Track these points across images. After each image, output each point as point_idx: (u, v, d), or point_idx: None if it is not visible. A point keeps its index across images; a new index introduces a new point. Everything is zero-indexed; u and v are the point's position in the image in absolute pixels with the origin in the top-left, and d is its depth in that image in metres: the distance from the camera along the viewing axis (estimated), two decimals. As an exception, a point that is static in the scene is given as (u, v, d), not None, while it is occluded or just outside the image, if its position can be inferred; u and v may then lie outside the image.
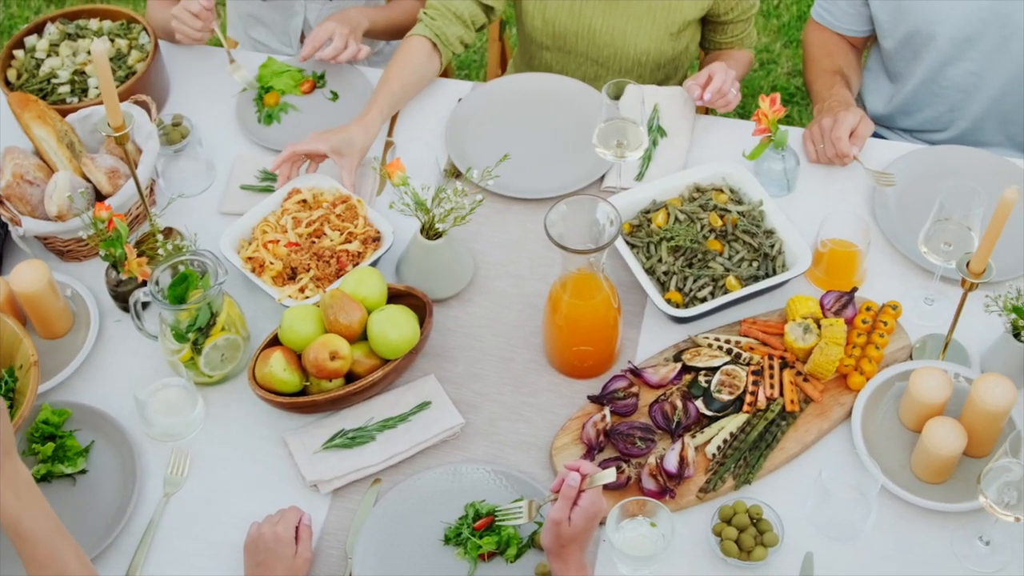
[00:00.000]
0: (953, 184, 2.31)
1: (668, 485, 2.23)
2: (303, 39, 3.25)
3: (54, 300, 2.49)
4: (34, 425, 2.34)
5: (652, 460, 2.24)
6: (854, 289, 2.46)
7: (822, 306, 2.44)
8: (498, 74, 3.48)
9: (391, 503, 2.27)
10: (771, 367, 2.38)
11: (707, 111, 3.06)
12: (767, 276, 2.50)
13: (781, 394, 2.35)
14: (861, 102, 3.15)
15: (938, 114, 3.00)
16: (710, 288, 2.47)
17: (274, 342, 2.40)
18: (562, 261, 2.26)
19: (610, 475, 1.96)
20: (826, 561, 2.18)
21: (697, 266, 2.50)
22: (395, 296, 2.46)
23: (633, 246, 2.55)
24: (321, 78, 3.00)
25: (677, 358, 2.43)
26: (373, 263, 2.54)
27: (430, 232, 2.47)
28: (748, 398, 2.34)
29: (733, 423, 2.32)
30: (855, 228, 2.48)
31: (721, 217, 2.55)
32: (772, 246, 2.53)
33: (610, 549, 2.08)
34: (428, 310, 2.43)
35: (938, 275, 2.45)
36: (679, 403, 2.32)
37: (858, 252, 2.48)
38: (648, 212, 2.60)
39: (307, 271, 2.53)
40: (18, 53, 2.93)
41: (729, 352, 2.41)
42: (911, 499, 2.22)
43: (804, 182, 2.73)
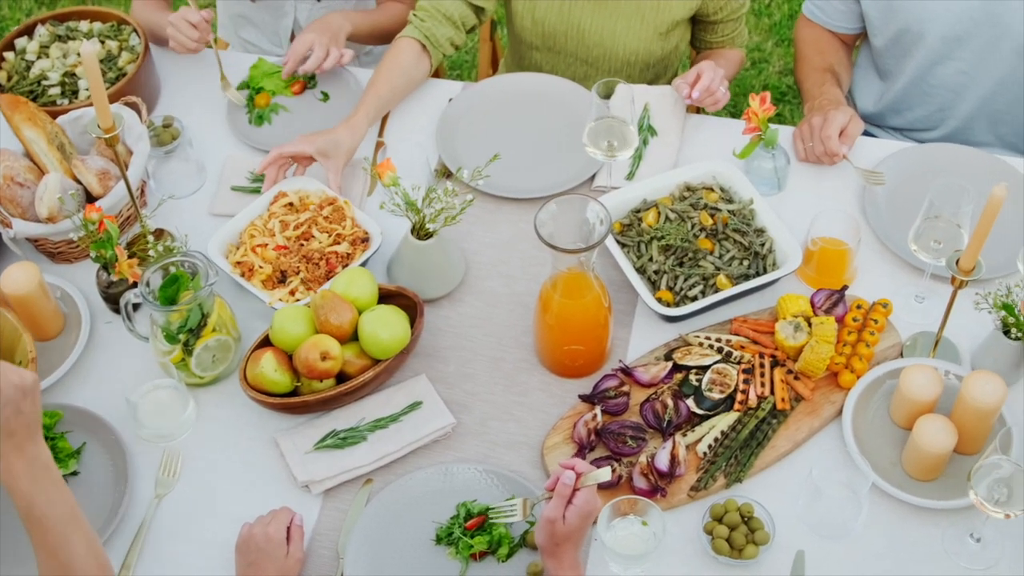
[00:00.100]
0: (943, 182, 2.32)
1: (659, 484, 2.23)
2: (293, 39, 3.25)
3: (45, 302, 2.49)
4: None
5: (643, 459, 2.24)
6: (844, 287, 2.46)
7: (813, 304, 2.44)
8: (489, 74, 3.48)
9: (383, 503, 2.27)
10: (762, 365, 2.38)
11: (698, 110, 3.07)
12: (758, 275, 2.51)
13: (772, 392, 2.36)
14: (851, 100, 3.15)
15: (928, 113, 3.00)
16: (701, 287, 2.47)
17: (265, 343, 2.40)
18: (552, 261, 2.26)
19: (605, 474, 1.96)
20: (817, 559, 2.18)
21: (688, 265, 2.50)
22: (386, 296, 2.46)
23: (624, 245, 2.55)
24: (312, 79, 2.99)
25: (668, 357, 2.43)
26: (362, 264, 2.54)
27: (421, 232, 2.47)
28: (739, 396, 2.34)
29: (724, 421, 2.32)
30: (845, 226, 2.48)
31: (712, 216, 2.56)
32: (762, 245, 2.53)
33: (601, 548, 2.09)
34: (419, 310, 2.43)
35: (928, 273, 2.45)
36: (670, 402, 2.32)
37: (848, 250, 2.48)
38: (639, 211, 2.60)
39: (296, 274, 2.52)
40: (8, 55, 2.92)
41: (720, 351, 2.42)
42: (902, 497, 2.22)
43: (794, 181, 2.74)
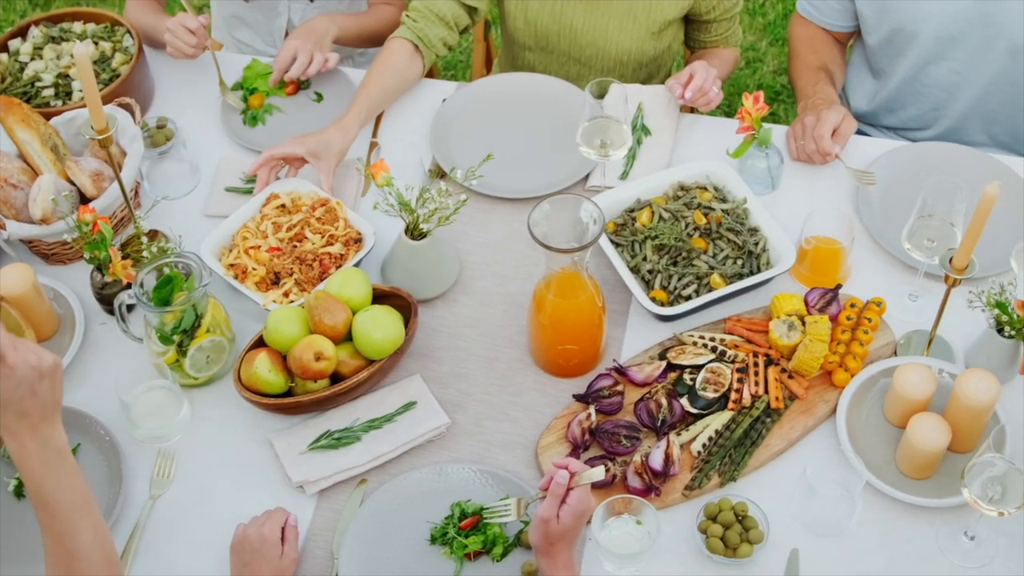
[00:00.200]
0: (936, 180, 2.32)
1: (653, 483, 2.23)
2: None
3: (39, 303, 2.49)
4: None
5: (637, 458, 2.24)
6: (838, 286, 2.46)
7: (806, 303, 2.44)
8: (484, 75, 3.48)
9: (377, 503, 2.27)
10: (756, 364, 2.39)
11: (691, 109, 3.07)
12: (751, 274, 2.51)
13: (766, 391, 2.36)
14: (845, 99, 3.15)
15: (921, 112, 3.01)
16: (695, 286, 2.48)
17: (259, 343, 2.40)
18: (546, 260, 2.27)
19: (598, 473, 1.96)
20: (811, 557, 2.18)
21: (682, 264, 2.50)
22: (380, 296, 2.46)
23: (618, 245, 2.55)
24: (305, 80, 2.99)
25: (662, 356, 2.43)
26: (356, 264, 2.54)
27: (415, 232, 2.47)
28: (733, 395, 2.34)
29: (718, 421, 2.33)
30: (839, 225, 2.48)
31: (705, 215, 2.56)
32: (756, 244, 2.53)
33: (596, 547, 2.09)
34: (413, 310, 2.43)
35: (922, 271, 2.45)
36: (664, 401, 2.32)
37: (842, 249, 2.49)
38: (632, 211, 2.60)
39: (290, 275, 2.52)
40: (2, 56, 2.92)
41: (714, 350, 2.42)
42: (896, 495, 2.22)
43: (788, 180, 2.74)
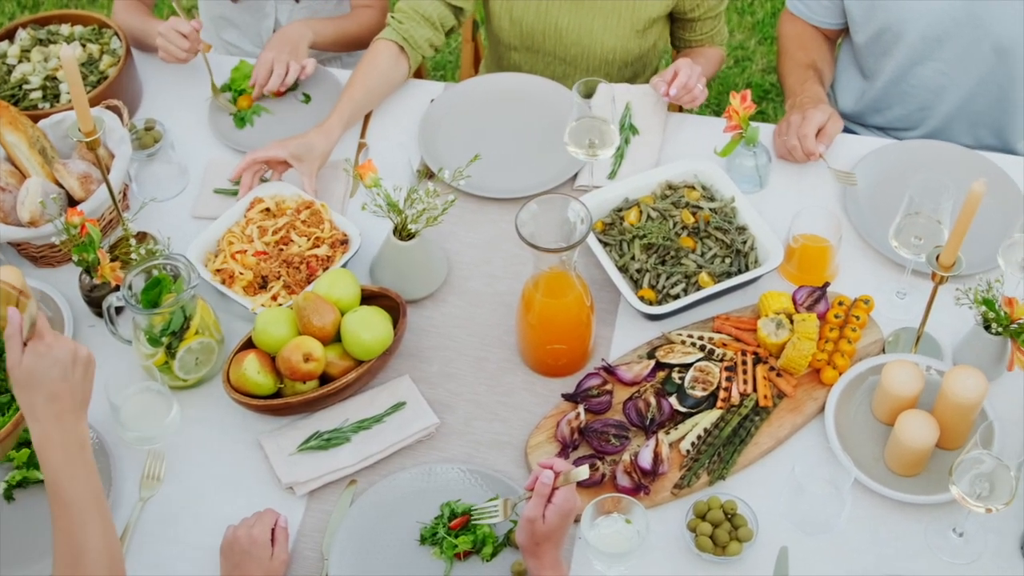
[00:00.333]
0: (923, 178, 2.33)
1: (642, 482, 2.23)
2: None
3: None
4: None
5: (626, 457, 2.24)
6: (826, 284, 2.46)
7: (794, 301, 2.45)
8: (472, 75, 3.49)
9: (367, 504, 2.27)
10: (744, 363, 2.39)
11: (679, 108, 3.07)
12: (739, 272, 2.51)
13: (754, 389, 2.36)
14: (832, 98, 3.16)
15: (907, 112, 3.01)
16: (683, 285, 2.48)
17: (248, 345, 2.39)
18: (534, 260, 2.27)
19: (583, 472, 1.97)
20: (801, 555, 2.18)
21: (670, 263, 2.50)
22: (369, 297, 2.46)
23: (606, 244, 2.55)
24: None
25: (651, 355, 2.43)
26: (342, 266, 2.53)
27: (403, 233, 2.47)
28: (722, 394, 2.34)
29: (707, 419, 2.33)
30: (827, 223, 2.49)
31: (693, 214, 2.56)
32: (744, 242, 2.54)
33: (585, 546, 2.09)
34: (402, 311, 2.43)
35: (909, 269, 2.46)
36: (653, 400, 2.33)
37: (830, 247, 2.49)
38: (621, 210, 2.60)
39: (278, 278, 2.52)
40: (-11, 59, 2.93)
41: (702, 348, 2.42)
42: (885, 492, 2.23)
43: (776, 178, 2.74)
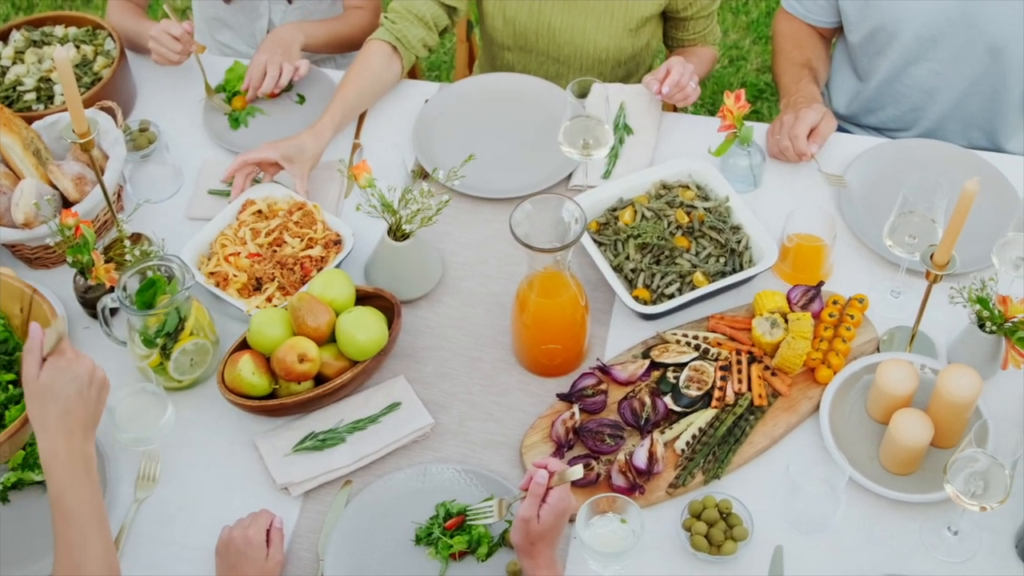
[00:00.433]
0: (917, 177, 2.33)
1: (637, 481, 2.24)
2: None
3: (22, 308, 2.48)
4: (3, 433, 2.33)
5: (621, 457, 2.24)
6: (820, 283, 2.47)
7: (789, 300, 2.45)
8: (467, 75, 3.49)
9: (362, 504, 2.27)
10: (739, 362, 2.39)
11: (674, 108, 3.07)
12: (734, 272, 2.51)
13: (749, 389, 2.36)
14: (827, 97, 3.15)
15: (901, 113, 3.01)
16: (677, 284, 2.48)
17: (243, 346, 2.39)
18: (529, 260, 2.27)
19: (577, 472, 1.97)
20: (796, 554, 2.18)
21: (664, 263, 2.50)
22: (363, 298, 2.46)
23: (600, 244, 2.56)
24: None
25: (645, 355, 2.44)
26: (336, 266, 2.53)
27: (397, 233, 2.47)
28: (716, 393, 2.35)
29: (702, 418, 2.33)
30: (821, 222, 2.49)
31: (688, 214, 2.56)
32: (739, 242, 2.54)
33: (580, 546, 2.09)
34: (396, 311, 2.43)
35: (903, 268, 2.46)
36: (648, 399, 2.33)
37: (824, 246, 2.49)
38: (615, 210, 2.61)
39: (272, 280, 2.52)
40: (-17, 61, 2.92)
41: (697, 348, 2.42)
42: (879, 491, 2.23)
43: (770, 177, 2.74)
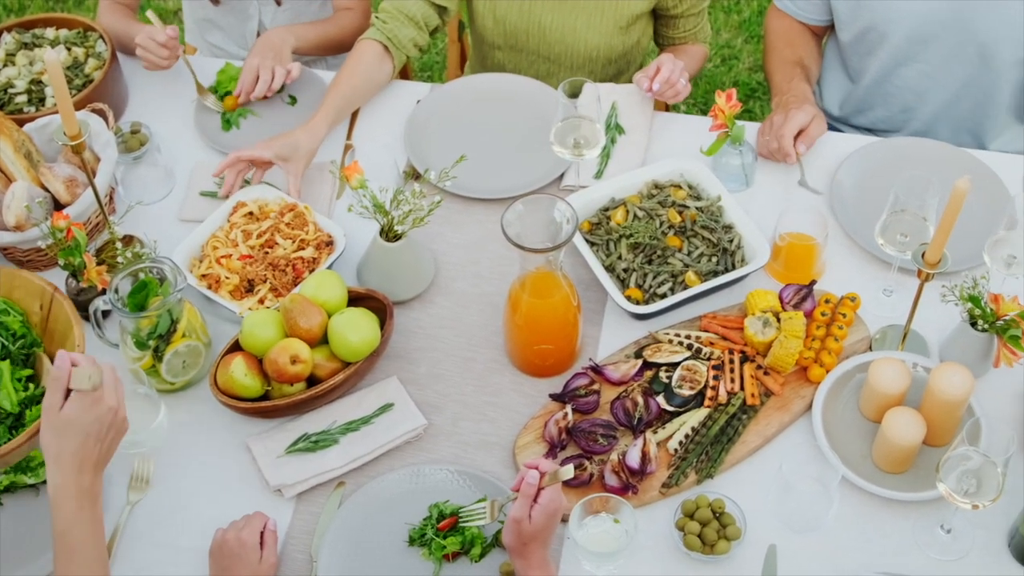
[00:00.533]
0: (908, 176, 2.33)
1: (631, 481, 2.24)
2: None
3: (14, 310, 2.48)
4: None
5: (614, 457, 2.24)
6: (813, 282, 2.47)
7: (781, 300, 2.45)
8: (459, 75, 3.49)
9: (355, 506, 2.27)
10: (731, 361, 2.39)
11: (666, 108, 3.07)
12: (726, 271, 2.51)
13: (742, 388, 2.36)
14: (818, 95, 3.15)
15: (890, 114, 3.01)
16: (670, 284, 2.48)
17: (235, 347, 2.39)
18: (521, 261, 2.27)
19: (568, 472, 1.97)
20: (789, 553, 2.19)
21: (656, 262, 2.50)
22: (356, 299, 2.46)
23: (592, 244, 2.56)
24: (277, 85, 2.99)
25: (638, 355, 2.44)
26: (328, 267, 2.53)
27: (389, 234, 2.47)
28: (709, 393, 2.35)
29: (694, 418, 2.33)
30: (813, 221, 2.49)
31: (680, 213, 2.56)
32: (731, 241, 2.54)
33: (574, 546, 2.09)
34: (389, 312, 2.42)
35: (895, 266, 2.46)
36: (640, 399, 2.33)
37: (816, 245, 2.49)
38: (607, 210, 2.61)
39: (264, 282, 2.52)
40: (-26, 64, 2.92)
41: (690, 347, 2.42)
42: (872, 489, 2.23)
43: (762, 176, 2.74)
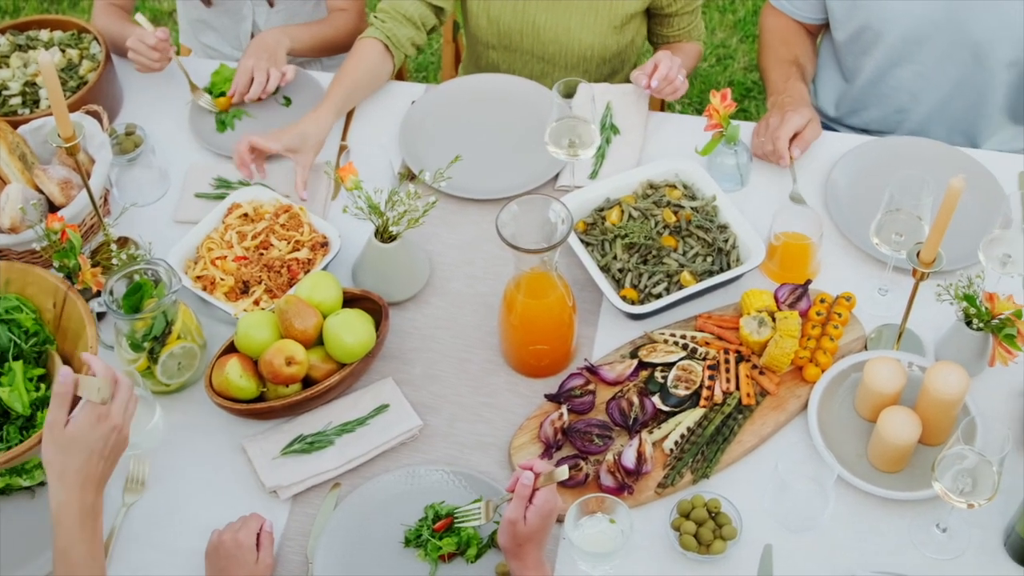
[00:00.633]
0: (903, 175, 2.33)
1: (626, 481, 2.24)
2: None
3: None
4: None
5: (610, 457, 2.24)
6: (808, 281, 2.47)
7: (776, 299, 2.45)
8: (454, 76, 3.48)
9: (351, 507, 2.27)
10: (727, 361, 2.39)
11: (661, 107, 3.07)
12: (721, 271, 2.51)
13: (737, 388, 2.36)
14: (812, 94, 3.14)
15: (885, 115, 3.01)
16: (665, 284, 2.48)
17: (230, 349, 2.39)
18: (515, 261, 2.27)
19: (563, 473, 1.97)
20: (785, 552, 2.19)
21: (652, 262, 2.50)
22: (351, 300, 2.46)
23: (588, 244, 2.56)
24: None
25: (633, 355, 2.44)
26: (323, 268, 2.53)
27: (384, 235, 2.46)
28: (705, 392, 2.35)
29: (690, 418, 2.33)
30: (808, 221, 2.49)
31: (675, 213, 2.56)
32: (726, 241, 2.54)
33: (569, 547, 2.09)
34: (384, 313, 2.42)
35: (890, 265, 2.46)
36: (636, 399, 2.33)
37: (811, 245, 2.49)
38: (602, 210, 2.61)
39: (259, 283, 2.52)
40: (-32, 66, 2.92)
41: (685, 347, 2.42)
42: (868, 489, 2.23)
43: (757, 176, 2.74)
